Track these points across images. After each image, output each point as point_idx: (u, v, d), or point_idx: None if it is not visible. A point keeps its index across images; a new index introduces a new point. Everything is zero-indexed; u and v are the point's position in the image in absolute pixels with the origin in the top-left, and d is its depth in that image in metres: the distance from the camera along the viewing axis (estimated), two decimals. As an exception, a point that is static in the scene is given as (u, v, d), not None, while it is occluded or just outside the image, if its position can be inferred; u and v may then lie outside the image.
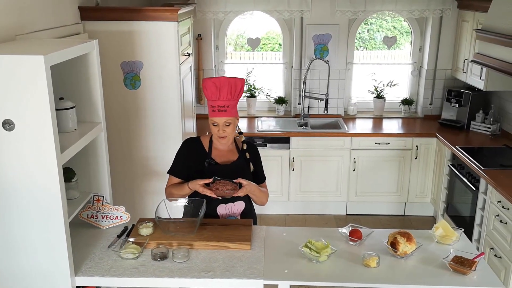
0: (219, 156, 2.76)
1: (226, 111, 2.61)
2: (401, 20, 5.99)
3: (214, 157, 2.75)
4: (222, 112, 2.61)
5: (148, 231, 2.55)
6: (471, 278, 2.27)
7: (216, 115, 2.62)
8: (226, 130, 2.65)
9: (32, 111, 2.02)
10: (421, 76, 5.54)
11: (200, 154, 2.76)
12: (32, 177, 2.11)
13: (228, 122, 2.64)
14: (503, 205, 3.51)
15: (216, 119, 2.63)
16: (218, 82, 2.59)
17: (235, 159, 2.77)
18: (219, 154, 2.77)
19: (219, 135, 2.66)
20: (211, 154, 2.76)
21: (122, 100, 3.69)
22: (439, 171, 4.91)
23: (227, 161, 2.76)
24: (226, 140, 2.69)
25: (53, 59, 2.06)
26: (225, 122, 2.63)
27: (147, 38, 3.57)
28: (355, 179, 5.12)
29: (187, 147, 2.83)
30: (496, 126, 4.81)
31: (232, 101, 2.63)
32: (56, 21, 3.13)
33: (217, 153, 2.77)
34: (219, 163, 2.74)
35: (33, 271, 2.25)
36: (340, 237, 2.60)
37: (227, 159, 2.77)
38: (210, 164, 2.71)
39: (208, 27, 5.29)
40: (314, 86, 5.44)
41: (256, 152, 2.87)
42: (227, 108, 2.61)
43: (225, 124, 2.64)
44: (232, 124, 2.66)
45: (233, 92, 2.61)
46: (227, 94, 2.60)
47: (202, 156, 2.74)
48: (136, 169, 3.86)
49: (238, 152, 2.80)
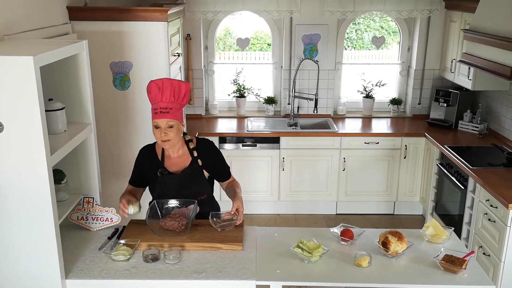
0: (171, 165, 2.72)
1: (168, 113, 2.52)
2: (389, 20, 6.03)
3: (167, 165, 2.71)
4: (164, 114, 2.52)
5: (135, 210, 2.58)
6: (462, 277, 2.29)
7: (158, 117, 2.53)
8: (169, 133, 2.54)
9: (22, 112, 2.00)
10: (409, 76, 5.58)
11: (153, 162, 2.73)
12: (22, 179, 2.09)
13: (170, 124, 2.54)
14: (491, 203, 3.55)
15: (158, 121, 2.53)
16: (161, 83, 2.54)
17: (188, 164, 2.71)
18: (171, 162, 2.72)
19: (161, 138, 2.56)
20: (164, 163, 2.72)
21: (111, 100, 3.66)
22: (427, 170, 4.95)
23: (179, 169, 2.71)
24: (169, 145, 2.59)
25: (42, 60, 2.04)
26: (167, 124, 2.53)
27: (136, 38, 3.54)
28: (345, 178, 5.14)
29: (141, 156, 2.80)
30: (483, 126, 4.86)
31: (175, 104, 2.54)
32: (45, 21, 3.09)
33: (169, 161, 2.72)
34: (172, 172, 2.70)
35: (23, 274, 2.23)
36: (332, 237, 2.61)
37: (180, 166, 2.71)
38: (163, 174, 2.68)
39: (197, 27, 5.27)
40: (304, 86, 5.45)
41: (211, 150, 2.80)
42: (169, 110, 2.52)
43: (167, 126, 2.54)
44: (175, 127, 2.56)
45: (177, 95, 2.54)
46: (170, 97, 2.53)
47: (155, 165, 2.71)
48: (126, 170, 3.81)
49: (192, 156, 2.72)
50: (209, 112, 5.59)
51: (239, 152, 5.04)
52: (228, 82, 5.62)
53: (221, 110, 5.65)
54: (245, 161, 5.07)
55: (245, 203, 5.39)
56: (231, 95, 5.61)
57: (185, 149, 2.73)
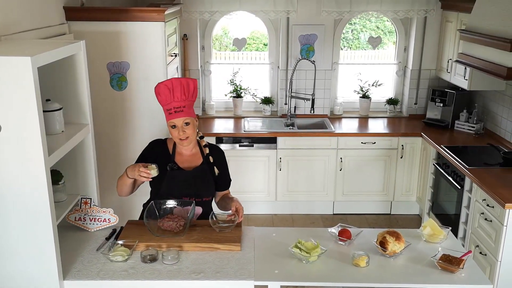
0: (182, 161, 2.73)
1: (183, 111, 2.57)
2: (385, 20, 6.05)
3: (177, 161, 2.72)
4: (179, 113, 2.56)
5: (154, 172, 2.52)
6: (459, 276, 2.30)
7: (173, 117, 2.57)
8: (186, 131, 2.60)
9: (19, 113, 1.99)
10: (406, 76, 5.59)
11: (163, 157, 2.72)
12: (19, 180, 2.08)
13: (187, 121, 2.59)
14: (488, 203, 3.56)
15: (175, 121, 2.58)
16: (170, 84, 2.56)
17: (199, 164, 2.74)
18: (182, 159, 2.73)
19: (180, 137, 2.60)
20: (174, 158, 2.73)
21: (108, 101, 3.65)
22: (424, 170, 4.96)
23: (189, 166, 2.72)
24: (188, 142, 2.64)
25: (40, 60, 2.03)
26: (184, 122, 2.59)
27: (133, 39, 3.54)
28: (342, 178, 5.15)
29: (151, 149, 2.79)
30: (479, 125, 4.88)
31: (187, 102, 2.59)
32: (41, 22, 3.08)
33: (181, 158, 2.74)
34: (182, 168, 2.71)
35: (20, 276, 2.22)
36: (330, 237, 2.61)
37: (190, 164, 2.73)
38: (172, 169, 2.68)
39: (194, 27, 5.27)
40: (301, 86, 5.46)
41: (221, 156, 2.84)
42: (183, 109, 2.57)
43: (184, 124, 2.59)
44: (191, 124, 2.62)
45: (187, 92, 2.58)
46: (181, 95, 2.57)
47: (165, 159, 2.71)
48: (123, 171, 3.82)
49: (203, 157, 2.76)
50: (206, 112, 5.59)
51: (236, 152, 5.04)
52: (225, 82, 5.62)
53: (218, 110, 5.65)
54: (242, 161, 5.06)
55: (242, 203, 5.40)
56: (228, 95, 5.61)
57: (197, 149, 2.77)
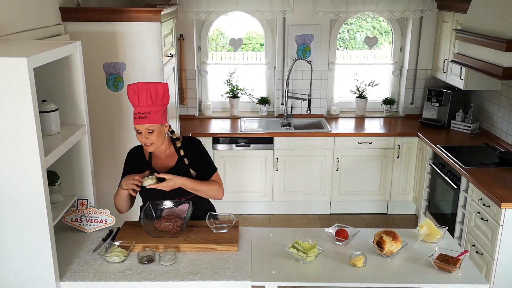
0: (159, 164, 2.71)
1: (147, 117, 2.50)
2: (381, 20, 6.06)
3: (154, 165, 2.71)
4: (143, 119, 2.50)
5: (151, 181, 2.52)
6: (456, 276, 2.30)
7: (137, 122, 2.52)
8: (150, 137, 2.53)
9: (15, 114, 1.98)
10: (402, 76, 5.60)
11: (141, 163, 2.71)
12: (16, 181, 2.07)
13: (150, 129, 2.52)
14: (484, 202, 3.57)
15: (138, 127, 2.53)
16: (136, 88, 2.51)
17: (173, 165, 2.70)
18: (158, 162, 2.71)
19: (144, 142, 2.56)
20: (152, 163, 2.71)
21: (105, 101, 3.64)
22: (420, 170, 4.97)
23: (168, 167, 2.69)
24: (153, 147, 2.59)
25: (36, 61, 2.03)
26: (148, 129, 2.52)
27: (129, 39, 3.53)
28: (338, 178, 5.15)
29: (129, 158, 2.79)
30: (475, 125, 4.89)
31: (154, 107, 2.51)
32: (37, 22, 3.07)
33: (158, 161, 2.72)
34: (160, 170, 2.67)
35: (17, 277, 2.21)
36: (327, 237, 2.62)
37: (166, 166, 2.70)
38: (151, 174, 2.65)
39: (190, 28, 5.26)
40: (297, 86, 5.46)
41: (197, 146, 2.77)
42: (148, 115, 2.50)
43: (148, 131, 2.53)
44: (156, 131, 2.54)
45: (154, 98, 2.51)
46: (147, 100, 2.50)
47: (143, 166, 2.70)
48: (120, 172, 3.79)
49: (178, 156, 2.71)
50: (202, 113, 5.58)
51: (232, 152, 5.04)
52: (221, 82, 5.62)
53: (214, 110, 5.65)
54: (238, 161, 5.06)
55: (239, 203, 5.40)
56: (225, 95, 5.60)
57: (172, 148, 2.72)
